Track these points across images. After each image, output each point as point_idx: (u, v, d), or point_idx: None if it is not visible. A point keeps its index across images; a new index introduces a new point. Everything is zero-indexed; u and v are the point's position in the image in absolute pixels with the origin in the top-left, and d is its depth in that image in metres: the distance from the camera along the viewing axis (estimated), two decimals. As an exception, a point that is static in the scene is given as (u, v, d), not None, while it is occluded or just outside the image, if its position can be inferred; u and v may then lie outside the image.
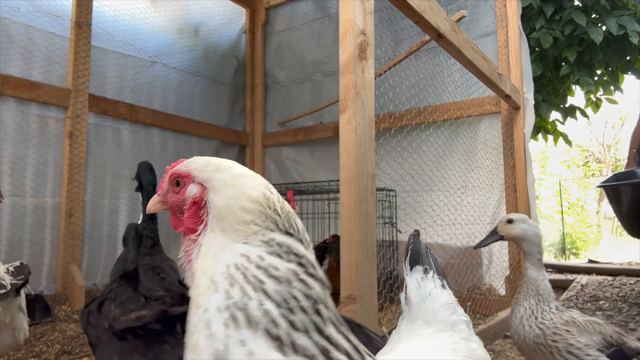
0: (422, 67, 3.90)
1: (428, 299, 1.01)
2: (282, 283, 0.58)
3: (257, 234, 0.63)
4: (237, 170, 0.70)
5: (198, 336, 0.58)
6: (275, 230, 0.63)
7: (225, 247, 0.63)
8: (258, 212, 0.64)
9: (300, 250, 0.63)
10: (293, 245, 0.63)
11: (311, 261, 0.63)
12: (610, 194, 4.02)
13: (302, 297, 0.58)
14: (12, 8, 3.16)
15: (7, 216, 3.08)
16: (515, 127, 3.49)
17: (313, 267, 0.62)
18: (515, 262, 3.38)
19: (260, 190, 0.66)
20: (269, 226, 0.63)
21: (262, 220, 0.63)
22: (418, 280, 1.04)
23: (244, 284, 0.58)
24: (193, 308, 0.62)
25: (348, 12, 1.59)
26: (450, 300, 1.03)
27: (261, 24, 5.12)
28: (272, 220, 0.64)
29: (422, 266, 1.05)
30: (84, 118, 3.40)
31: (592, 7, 4.61)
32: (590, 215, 15.18)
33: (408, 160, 3.83)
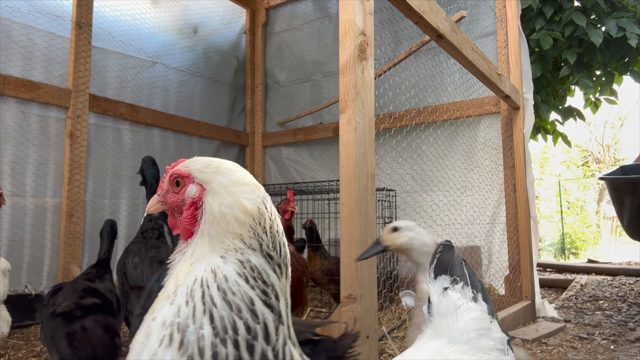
0: (422, 67, 3.90)
1: (454, 313, 0.90)
2: (233, 310, 0.58)
3: (237, 250, 0.62)
4: (237, 175, 0.69)
5: (138, 339, 0.61)
6: (257, 251, 0.63)
7: (204, 257, 0.63)
8: (248, 227, 0.63)
9: (271, 277, 0.62)
10: (265, 271, 0.62)
11: (277, 291, 0.62)
12: (612, 189, 3.63)
13: (243, 329, 0.58)
14: (13, 9, 3.17)
15: (8, 216, 3.08)
16: (515, 127, 3.50)
17: (276, 298, 0.62)
18: (514, 262, 3.39)
19: (256, 204, 0.65)
20: (252, 244, 0.63)
21: (249, 236, 0.63)
22: (441, 290, 0.94)
23: (197, 303, 0.59)
24: (150, 310, 0.63)
25: (348, 13, 1.60)
26: (482, 317, 0.90)
27: (261, 25, 5.13)
28: (258, 238, 0.64)
29: (449, 276, 0.95)
30: (84, 118, 3.40)
31: (592, 8, 4.61)
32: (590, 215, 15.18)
33: (408, 160, 3.84)
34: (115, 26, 3.84)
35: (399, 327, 2.83)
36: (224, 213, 0.64)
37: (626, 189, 3.46)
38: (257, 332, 0.58)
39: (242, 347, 0.57)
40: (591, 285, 4.99)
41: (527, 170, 3.44)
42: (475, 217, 3.63)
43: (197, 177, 0.72)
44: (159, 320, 0.59)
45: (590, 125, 16.00)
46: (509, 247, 3.45)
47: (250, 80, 5.10)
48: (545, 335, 2.79)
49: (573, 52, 4.56)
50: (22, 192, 3.17)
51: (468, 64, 2.61)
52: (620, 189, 3.54)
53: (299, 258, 2.16)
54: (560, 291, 4.84)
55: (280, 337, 0.61)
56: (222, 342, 0.56)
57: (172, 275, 0.66)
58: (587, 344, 2.69)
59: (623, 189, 3.51)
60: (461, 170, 3.70)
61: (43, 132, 3.28)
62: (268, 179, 4.96)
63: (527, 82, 3.59)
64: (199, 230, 0.67)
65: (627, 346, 2.64)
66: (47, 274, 3.24)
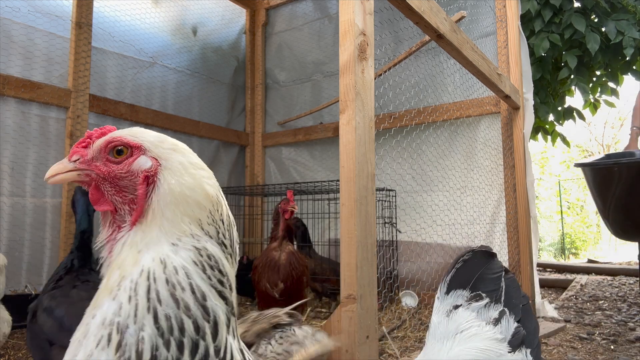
0: (422, 67, 3.90)
1: (452, 338, 0.75)
2: (180, 308, 0.53)
3: (194, 237, 0.58)
4: (194, 159, 0.65)
5: (76, 337, 0.57)
6: (214, 239, 0.59)
7: (154, 243, 0.57)
8: (208, 212, 0.59)
9: (226, 267, 0.59)
10: (221, 260, 0.58)
11: (231, 281, 0.58)
12: (591, 178, 3.08)
13: (191, 329, 0.53)
14: (13, 8, 3.17)
15: (8, 216, 3.08)
16: (515, 127, 3.50)
17: (230, 288, 0.58)
18: (515, 262, 3.39)
19: (216, 190, 0.62)
20: (210, 231, 0.59)
21: (207, 222, 0.59)
22: (449, 308, 0.77)
23: (140, 300, 0.54)
24: (92, 303, 0.59)
25: (348, 13, 1.60)
26: (490, 347, 0.71)
27: (261, 25, 5.13)
28: (215, 225, 0.59)
29: (470, 291, 0.77)
30: (84, 118, 3.40)
31: (592, 9, 4.61)
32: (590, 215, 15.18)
33: (408, 160, 3.84)
34: (115, 26, 3.84)
35: (399, 327, 2.83)
36: (186, 195, 0.59)
37: (608, 176, 2.92)
38: (206, 330, 0.54)
39: (187, 348, 0.52)
40: (591, 285, 4.99)
41: (527, 170, 3.44)
42: (475, 217, 3.63)
43: (150, 150, 0.65)
44: (98, 318, 0.55)
45: (590, 126, 16.00)
46: (509, 247, 3.45)
47: (250, 80, 5.10)
48: (545, 335, 2.79)
49: (573, 55, 4.57)
50: (22, 192, 3.17)
51: (468, 64, 2.61)
52: (602, 177, 2.99)
53: (300, 257, 2.16)
54: (560, 291, 4.84)
55: (230, 329, 0.57)
56: (165, 345, 0.52)
57: (116, 263, 0.59)
58: (587, 344, 2.69)
59: (605, 176, 2.96)
60: (461, 170, 3.70)
61: (43, 132, 3.28)
62: (268, 179, 4.96)
63: (527, 82, 3.60)
64: (149, 211, 0.60)
65: (627, 346, 2.64)
66: (47, 274, 3.23)
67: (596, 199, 3.14)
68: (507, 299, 0.78)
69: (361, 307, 1.49)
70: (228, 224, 0.61)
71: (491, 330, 0.74)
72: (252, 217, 4.77)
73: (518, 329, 0.75)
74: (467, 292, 0.78)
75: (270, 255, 2.13)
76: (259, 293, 2.19)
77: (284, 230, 2.17)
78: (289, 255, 2.11)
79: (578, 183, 15.90)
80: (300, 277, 2.12)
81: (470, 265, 0.81)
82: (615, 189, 2.89)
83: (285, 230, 2.17)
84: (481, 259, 0.83)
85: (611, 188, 2.90)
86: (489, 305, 0.77)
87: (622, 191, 2.86)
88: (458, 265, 0.81)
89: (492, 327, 0.75)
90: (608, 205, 2.99)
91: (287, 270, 2.07)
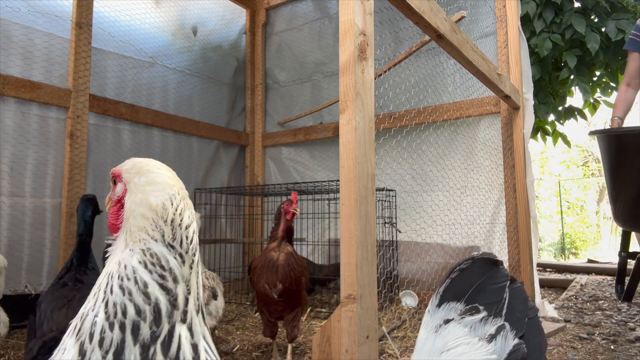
0: (422, 67, 3.91)
1: (443, 354, 0.67)
2: (125, 295, 0.62)
3: (142, 241, 0.67)
4: (152, 176, 0.74)
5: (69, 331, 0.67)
6: (159, 241, 0.67)
7: (119, 251, 0.69)
8: (151, 220, 0.68)
9: (170, 263, 0.66)
10: (165, 257, 0.66)
11: (176, 275, 0.65)
12: (605, 149, 2.63)
13: (132, 312, 0.61)
14: (13, 9, 3.17)
15: (8, 216, 3.08)
16: (515, 127, 3.50)
17: (174, 281, 0.65)
18: (514, 262, 3.39)
19: (161, 200, 0.70)
20: (155, 236, 0.67)
21: (152, 229, 0.67)
22: (439, 323, 0.70)
23: (101, 294, 0.65)
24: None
25: (348, 13, 1.60)
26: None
27: (261, 25, 5.13)
28: (159, 230, 0.68)
29: (465, 304, 0.68)
30: (84, 118, 3.40)
31: (593, 9, 4.62)
32: (590, 215, 15.19)
33: (408, 160, 3.85)
34: (115, 26, 3.84)
35: (399, 327, 2.83)
36: (133, 210, 0.70)
37: (622, 148, 2.44)
38: (147, 313, 0.61)
39: (128, 329, 0.60)
40: (591, 285, 4.99)
41: (527, 170, 3.45)
42: (475, 217, 3.63)
43: (123, 176, 0.77)
44: (78, 314, 0.66)
45: (591, 125, 16.00)
46: (508, 247, 3.45)
47: (250, 80, 5.10)
48: (545, 335, 2.79)
49: (573, 55, 4.57)
50: (22, 192, 3.17)
51: (468, 64, 2.61)
52: (617, 149, 2.48)
53: (298, 259, 2.16)
54: (560, 291, 4.84)
55: (173, 318, 0.63)
56: (110, 327, 0.60)
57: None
58: (587, 343, 2.69)
59: (619, 148, 2.47)
60: (461, 170, 3.71)
61: (43, 132, 3.28)
62: (268, 179, 4.96)
63: (527, 82, 3.60)
64: (122, 227, 0.74)
65: (627, 346, 2.64)
66: (47, 273, 3.24)
67: (607, 176, 2.66)
68: (510, 311, 0.68)
69: (361, 307, 1.49)
70: (173, 227, 0.69)
71: (483, 348, 0.66)
72: (252, 217, 4.78)
73: (518, 347, 0.66)
74: (461, 305, 0.70)
75: (269, 255, 2.13)
76: (257, 293, 2.19)
77: (284, 230, 2.17)
78: (288, 256, 2.10)
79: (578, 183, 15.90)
80: (298, 277, 2.12)
81: (468, 274, 0.73)
82: (631, 165, 2.42)
83: (284, 231, 2.17)
84: (482, 267, 0.75)
85: (626, 163, 2.43)
86: (486, 319, 0.68)
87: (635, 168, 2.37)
88: (453, 275, 0.74)
89: (486, 344, 0.66)
90: (619, 184, 2.47)
91: (286, 271, 2.07)
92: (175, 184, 0.74)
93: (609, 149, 2.62)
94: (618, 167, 2.54)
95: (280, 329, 2.36)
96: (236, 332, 2.87)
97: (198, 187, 4.35)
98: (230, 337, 2.74)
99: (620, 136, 2.47)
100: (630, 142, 2.48)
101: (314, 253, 4.35)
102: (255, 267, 2.18)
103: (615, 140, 2.56)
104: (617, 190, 2.59)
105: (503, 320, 0.68)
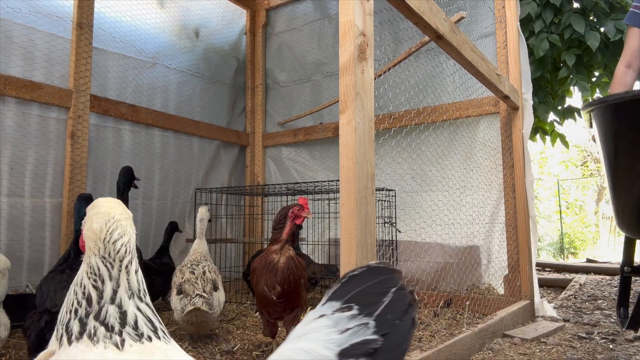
0: (422, 67, 3.92)
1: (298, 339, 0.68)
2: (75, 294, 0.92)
3: (89, 256, 0.94)
4: (99, 209, 0.98)
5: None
6: (96, 255, 0.93)
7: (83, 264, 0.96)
8: (93, 241, 0.94)
9: (101, 270, 0.92)
10: (97, 265, 0.92)
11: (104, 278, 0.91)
12: (600, 127, 1.73)
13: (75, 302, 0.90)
14: (14, 9, 3.18)
15: (8, 216, 3.09)
16: (514, 128, 3.52)
17: (102, 282, 0.91)
18: (514, 262, 3.41)
19: (99, 225, 0.95)
20: (95, 252, 0.93)
21: (93, 247, 0.93)
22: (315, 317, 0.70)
23: (70, 291, 0.94)
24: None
25: (348, 14, 1.61)
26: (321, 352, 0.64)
27: (261, 25, 5.14)
28: (97, 247, 0.93)
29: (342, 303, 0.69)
30: (85, 119, 3.41)
31: (592, 9, 4.63)
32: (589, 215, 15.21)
33: (407, 161, 3.86)
34: (116, 27, 3.85)
35: (399, 326, 2.84)
36: (85, 234, 0.97)
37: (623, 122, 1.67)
38: (83, 302, 0.89)
39: (72, 312, 0.89)
40: (590, 284, 5.00)
41: (527, 170, 3.46)
42: (475, 217, 3.64)
43: (87, 211, 1.01)
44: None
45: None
46: (508, 246, 3.46)
47: (250, 80, 5.11)
48: (544, 334, 2.80)
49: (572, 54, 4.58)
50: (22, 191, 3.18)
51: (467, 64, 2.62)
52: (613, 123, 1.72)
53: (298, 262, 2.17)
54: (559, 291, 4.86)
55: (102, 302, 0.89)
56: (67, 313, 0.90)
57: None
58: (586, 343, 2.71)
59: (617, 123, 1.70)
60: (460, 170, 3.72)
61: (44, 132, 3.29)
62: (268, 179, 4.97)
63: (526, 83, 3.61)
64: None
65: (626, 345, 2.66)
66: (47, 273, 3.24)
67: (609, 165, 1.78)
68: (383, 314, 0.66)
69: (361, 306, 1.50)
70: (106, 244, 0.93)
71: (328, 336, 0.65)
72: (252, 216, 4.79)
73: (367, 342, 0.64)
74: (338, 304, 0.69)
75: (269, 257, 2.14)
76: (257, 294, 2.19)
77: (288, 234, 2.17)
78: (289, 260, 2.11)
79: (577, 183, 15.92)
80: (298, 280, 2.13)
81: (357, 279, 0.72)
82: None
83: (289, 234, 2.17)
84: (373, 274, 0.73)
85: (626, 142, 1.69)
86: (354, 316, 0.66)
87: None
88: (344, 279, 0.73)
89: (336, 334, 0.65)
90: (627, 175, 1.70)
91: (286, 274, 2.08)
92: (113, 211, 0.98)
93: (612, 126, 1.75)
94: (628, 150, 1.70)
95: (280, 329, 2.37)
96: (237, 332, 2.88)
97: (198, 187, 4.36)
98: (231, 337, 2.76)
99: (633, 103, 1.61)
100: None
101: (314, 253, 4.37)
102: (255, 268, 2.19)
103: (625, 111, 1.65)
104: (624, 184, 1.72)
105: (371, 320, 0.66)
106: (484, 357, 2.40)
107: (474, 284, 3.64)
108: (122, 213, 0.99)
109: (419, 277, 3.58)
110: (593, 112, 1.80)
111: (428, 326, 2.82)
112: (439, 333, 2.66)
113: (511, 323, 2.96)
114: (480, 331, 2.51)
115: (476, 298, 3.31)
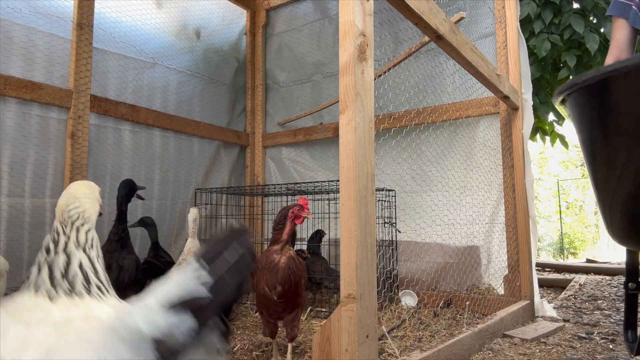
0: (422, 68, 3.92)
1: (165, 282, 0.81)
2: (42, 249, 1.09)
3: (55, 223, 1.15)
4: (69, 189, 1.21)
5: None
6: (58, 219, 1.15)
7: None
8: (60, 211, 1.16)
9: (58, 228, 1.13)
10: (56, 227, 1.13)
11: (59, 232, 1.11)
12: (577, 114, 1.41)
13: (44, 250, 1.08)
14: (14, 9, 3.18)
15: (8, 216, 3.09)
16: (514, 128, 3.52)
17: (58, 235, 1.11)
18: (514, 262, 3.41)
19: (64, 200, 1.18)
20: (59, 218, 1.15)
21: (58, 216, 1.16)
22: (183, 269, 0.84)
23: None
24: None
25: (348, 14, 1.61)
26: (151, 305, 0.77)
27: (261, 26, 5.14)
28: (59, 214, 1.16)
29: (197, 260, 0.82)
30: (85, 119, 3.41)
31: (591, 10, 4.64)
32: (589, 215, 15.21)
33: (408, 161, 3.86)
34: (116, 27, 3.85)
35: (399, 326, 2.85)
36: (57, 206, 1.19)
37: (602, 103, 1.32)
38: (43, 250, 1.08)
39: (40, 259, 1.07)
40: (590, 284, 5.01)
41: (527, 171, 3.46)
42: (475, 217, 3.65)
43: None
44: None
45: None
46: (508, 247, 3.46)
47: (250, 81, 5.11)
48: (544, 334, 2.80)
49: (572, 55, 4.59)
50: (22, 191, 3.18)
51: (467, 64, 2.62)
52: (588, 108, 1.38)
53: (299, 262, 2.18)
54: (559, 291, 4.86)
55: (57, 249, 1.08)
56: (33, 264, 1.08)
57: None
58: (586, 343, 2.71)
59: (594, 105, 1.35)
60: (460, 171, 3.72)
61: (44, 133, 3.29)
62: (268, 179, 4.97)
63: (526, 83, 3.61)
64: None
65: (626, 345, 2.66)
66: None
67: (591, 163, 1.51)
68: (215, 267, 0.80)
69: (361, 307, 1.50)
70: (62, 212, 1.16)
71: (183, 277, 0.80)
72: (252, 216, 4.79)
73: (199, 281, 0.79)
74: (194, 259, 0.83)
75: (270, 257, 2.14)
76: (257, 294, 2.19)
77: (288, 234, 2.17)
78: (289, 260, 2.11)
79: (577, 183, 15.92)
80: (298, 281, 2.13)
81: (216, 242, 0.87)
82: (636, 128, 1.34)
83: (289, 234, 2.17)
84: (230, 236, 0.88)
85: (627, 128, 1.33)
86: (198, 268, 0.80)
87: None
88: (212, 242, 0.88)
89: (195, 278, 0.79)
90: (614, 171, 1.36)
91: (286, 275, 2.08)
92: (77, 192, 1.20)
93: (586, 115, 1.42)
94: (604, 143, 1.38)
95: (280, 329, 2.37)
96: (237, 332, 2.88)
97: (198, 187, 4.36)
98: (231, 337, 2.76)
99: (610, 81, 1.26)
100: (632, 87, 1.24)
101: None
102: (255, 268, 2.19)
103: (599, 94, 1.31)
104: (610, 184, 1.40)
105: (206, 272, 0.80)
106: (484, 357, 2.40)
107: (473, 284, 3.64)
108: (86, 193, 1.21)
109: (419, 277, 3.59)
110: (567, 102, 1.43)
111: (428, 326, 2.82)
112: (439, 333, 2.66)
113: (511, 323, 2.96)
114: (480, 331, 2.52)
115: (476, 298, 3.31)
